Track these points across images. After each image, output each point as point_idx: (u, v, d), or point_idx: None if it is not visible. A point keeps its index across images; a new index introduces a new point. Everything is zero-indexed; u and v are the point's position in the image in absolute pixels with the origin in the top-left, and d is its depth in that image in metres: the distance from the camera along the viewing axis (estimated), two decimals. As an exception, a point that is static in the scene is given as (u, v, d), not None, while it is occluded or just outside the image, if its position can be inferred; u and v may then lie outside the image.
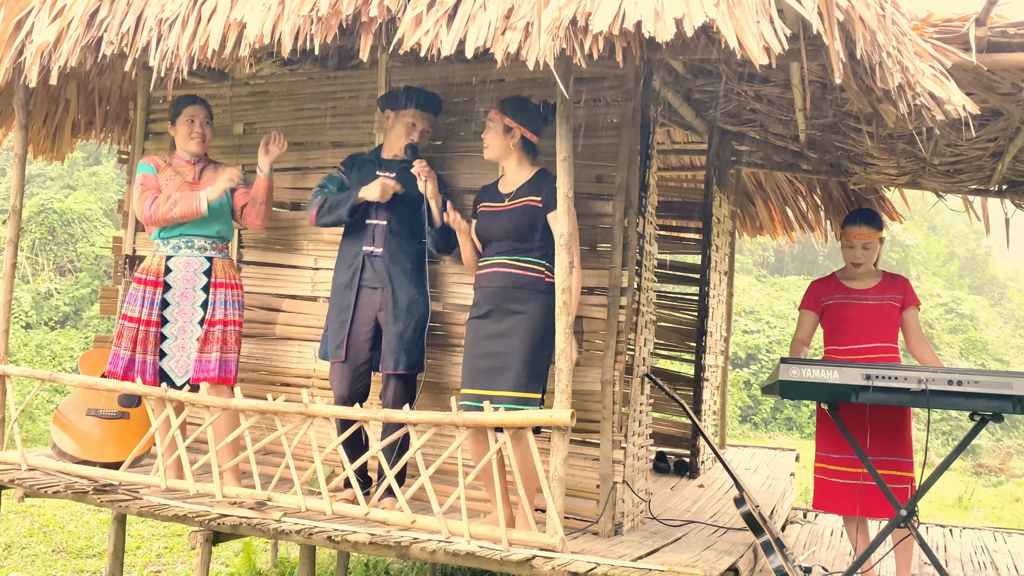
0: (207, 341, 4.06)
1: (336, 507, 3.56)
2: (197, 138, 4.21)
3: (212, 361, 4.04)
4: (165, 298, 4.09)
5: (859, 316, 4.00)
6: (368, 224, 3.99)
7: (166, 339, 4.09)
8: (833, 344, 4.06)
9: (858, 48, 2.73)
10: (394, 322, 3.90)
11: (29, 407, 9.40)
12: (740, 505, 3.54)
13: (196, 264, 4.11)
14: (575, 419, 3.21)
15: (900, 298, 4.01)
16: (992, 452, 13.90)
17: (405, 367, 3.90)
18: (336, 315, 4.00)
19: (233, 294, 4.16)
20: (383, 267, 3.95)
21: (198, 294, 4.09)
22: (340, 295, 4.01)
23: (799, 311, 4.18)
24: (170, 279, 4.11)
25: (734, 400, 14.61)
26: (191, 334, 4.08)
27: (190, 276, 4.10)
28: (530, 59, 2.77)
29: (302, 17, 3.09)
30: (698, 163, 6.59)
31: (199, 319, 4.08)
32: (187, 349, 4.08)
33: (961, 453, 3.57)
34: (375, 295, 3.95)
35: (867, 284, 4.06)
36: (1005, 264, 24.36)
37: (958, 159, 4.66)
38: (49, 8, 3.74)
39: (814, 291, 4.16)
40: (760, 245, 20.09)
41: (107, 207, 14.36)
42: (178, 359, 4.09)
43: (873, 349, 3.95)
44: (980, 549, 5.21)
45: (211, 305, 4.09)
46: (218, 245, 4.17)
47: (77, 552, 5.74)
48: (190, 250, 4.12)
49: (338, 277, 4.05)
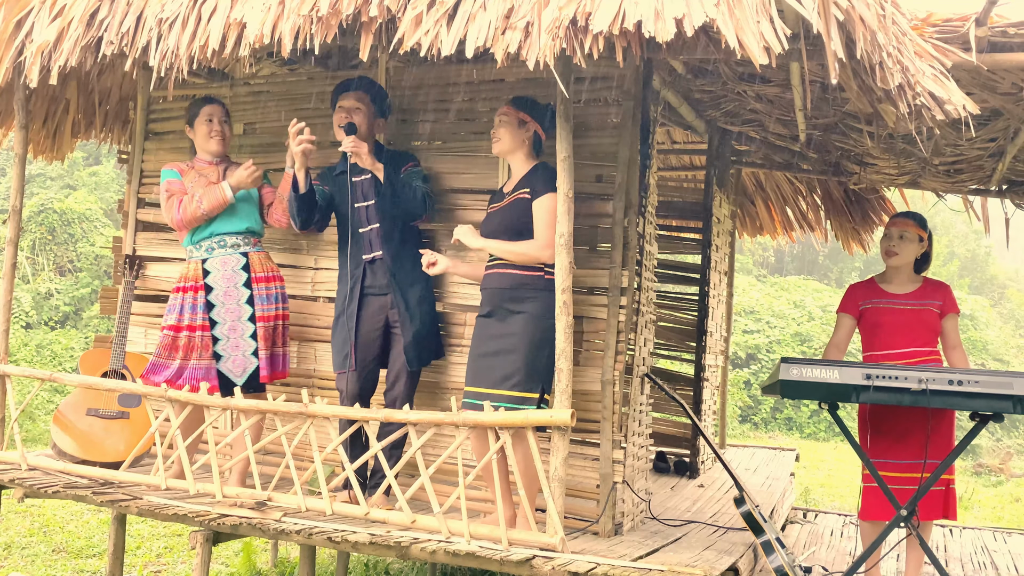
0: (266, 338, 4.04)
1: (336, 507, 3.56)
2: (217, 136, 4.20)
3: (276, 356, 4.10)
4: (209, 300, 4.06)
5: (897, 321, 3.90)
6: (362, 233, 4.00)
7: (218, 341, 4.05)
8: (871, 349, 3.97)
9: (858, 48, 2.73)
10: (410, 322, 3.93)
11: (29, 407, 9.40)
12: (740, 505, 3.54)
13: (233, 261, 4.09)
14: (575, 419, 3.21)
15: (940, 304, 3.91)
16: (992, 452, 13.89)
17: (427, 361, 4.01)
18: (341, 327, 4.02)
19: (276, 287, 4.14)
20: (385, 271, 3.96)
21: (241, 291, 4.07)
22: (343, 306, 4.03)
23: (836, 314, 4.10)
24: (210, 281, 4.08)
25: (734, 400, 14.61)
26: (242, 332, 4.04)
27: (229, 274, 4.08)
28: (530, 59, 2.77)
29: (302, 17, 3.09)
30: (698, 163, 6.59)
31: (248, 316, 4.05)
32: (241, 348, 4.04)
33: (961, 453, 3.57)
34: (381, 300, 3.97)
35: (906, 289, 3.96)
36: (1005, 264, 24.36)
37: (958, 159, 4.66)
38: (49, 8, 3.74)
39: (852, 295, 4.07)
40: (760, 245, 20.09)
41: (107, 207, 14.35)
42: (233, 359, 4.04)
43: (912, 354, 3.86)
44: (980, 549, 5.21)
45: (257, 300, 4.07)
46: (251, 240, 4.15)
47: (77, 552, 5.74)
48: (223, 249, 4.10)
49: (340, 289, 4.07)
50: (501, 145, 3.70)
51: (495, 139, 3.71)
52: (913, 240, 3.95)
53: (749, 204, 7.19)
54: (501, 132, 3.68)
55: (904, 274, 3.98)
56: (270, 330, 4.07)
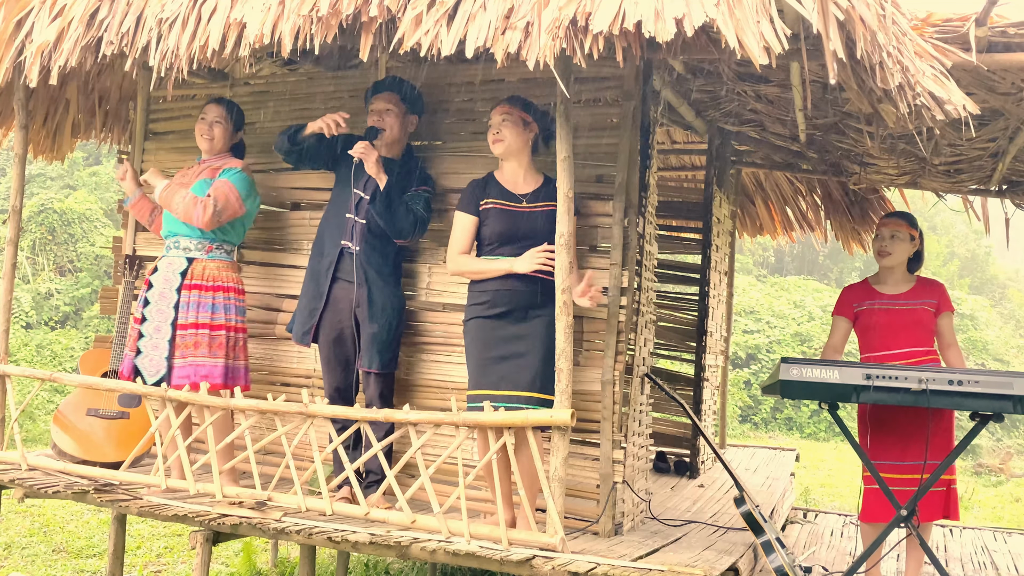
0: (180, 346, 4.03)
1: (336, 507, 3.56)
2: (206, 136, 4.22)
3: (186, 367, 4.00)
4: (147, 297, 4.11)
5: (892, 321, 3.91)
6: (348, 218, 4.00)
7: (143, 337, 4.09)
8: (867, 351, 3.98)
9: (858, 48, 2.73)
10: (370, 322, 3.94)
11: (29, 407, 9.40)
12: (740, 505, 3.54)
13: (176, 264, 4.11)
14: (575, 419, 3.21)
15: (934, 303, 3.92)
16: (992, 452, 13.89)
17: (379, 366, 3.96)
18: (308, 300, 4.05)
19: (215, 296, 4.08)
20: (359, 265, 3.97)
21: (172, 295, 4.07)
22: (315, 282, 4.05)
23: (832, 317, 4.11)
24: (153, 278, 4.13)
25: (734, 400, 14.61)
26: (164, 335, 4.05)
27: (168, 276, 4.09)
28: (530, 59, 2.77)
29: (302, 17, 3.09)
30: (698, 163, 6.59)
31: (170, 320, 4.05)
32: (159, 349, 4.04)
33: (961, 453, 3.57)
34: (350, 290, 3.97)
35: (900, 289, 3.97)
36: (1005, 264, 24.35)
37: (958, 159, 4.66)
38: (49, 8, 3.74)
39: (847, 297, 4.07)
40: (760, 245, 20.08)
41: (107, 207, 14.35)
42: (151, 358, 4.06)
43: (909, 354, 3.87)
44: (980, 549, 5.21)
45: (182, 307, 4.05)
46: (205, 246, 4.12)
47: (77, 552, 5.74)
48: (176, 250, 4.14)
49: (314, 262, 4.09)
50: (505, 145, 3.63)
51: (498, 139, 3.64)
52: (905, 239, 3.96)
53: (749, 204, 7.19)
54: (506, 132, 3.62)
55: (898, 274, 3.99)
56: (190, 338, 4.02)
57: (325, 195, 4.33)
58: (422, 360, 4.21)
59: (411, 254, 4.23)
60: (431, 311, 4.21)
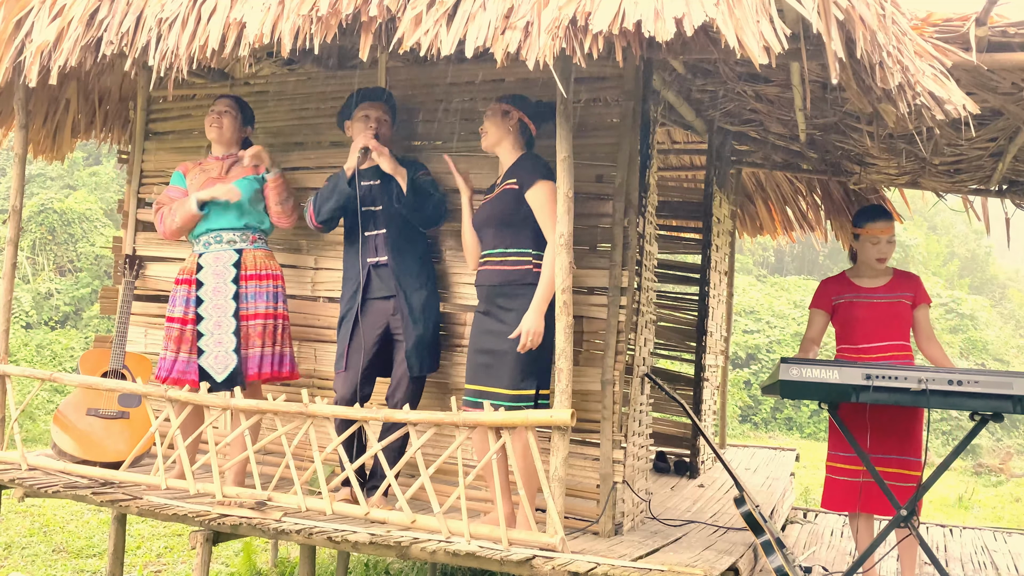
0: (247, 337, 4.04)
1: (336, 507, 3.56)
2: (214, 125, 4.22)
3: (265, 355, 4.05)
4: (199, 295, 4.09)
5: (870, 314, 3.95)
6: (368, 236, 4.00)
7: (203, 336, 4.06)
8: (845, 343, 4.01)
9: (858, 48, 2.73)
10: (413, 326, 3.91)
11: (29, 407, 9.40)
12: (740, 505, 3.54)
13: (225, 258, 4.11)
14: (575, 419, 3.21)
15: (912, 296, 3.96)
16: (992, 452, 13.90)
17: (428, 368, 3.96)
18: (342, 328, 4.04)
19: (269, 285, 4.12)
20: (390, 275, 3.96)
21: (228, 287, 4.07)
22: (345, 308, 4.04)
23: (809, 310, 4.14)
24: (201, 276, 4.11)
25: (734, 400, 14.61)
26: (226, 328, 4.04)
27: (220, 270, 4.09)
28: (530, 59, 2.77)
29: (302, 17, 3.09)
30: (698, 163, 6.59)
31: (232, 312, 4.05)
32: (223, 344, 4.04)
33: (961, 453, 3.57)
34: (385, 305, 3.96)
35: (878, 282, 4.01)
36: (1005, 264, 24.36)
37: (958, 159, 4.66)
38: (49, 8, 3.74)
39: (824, 290, 4.11)
40: (760, 245, 20.09)
41: (107, 207, 14.35)
42: (215, 355, 4.05)
43: (885, 348, 3.91)
44: (980, 549, 5.21)
45: (243, 299, 4.06)
46: (248, 236, 4.15)
47: (77, 552, 5.74)
48: (219, 244, 4.13)
49: (345, 290, 4.08)
50: (488, 138, 3.73)
51: (482, 134, 3.74)
52: (895, 238, 4.01)
53: (749, 204, 7.19)
54: (486, 125, 3.72)
55: (878, 267, 4.03)
56: (255, 328, 4.05)
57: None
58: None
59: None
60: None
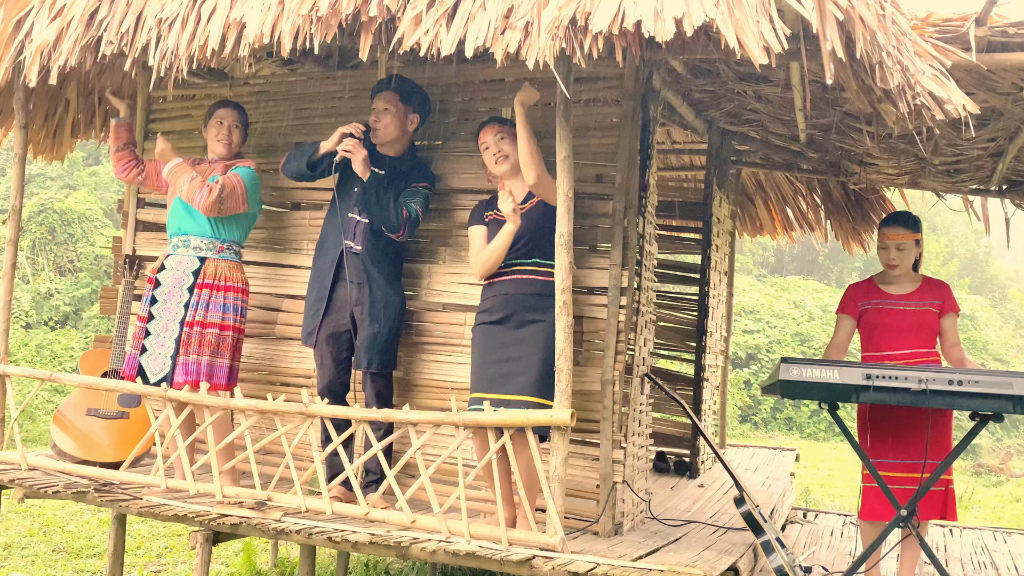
0: (186, 344, 4.04)
1: (336, 507, 3.56)
2: (224, 140, 4.24)
3: (191, 364, 4.01)
4: (155, 295, 4.12)
5: (896, 322, 3.89)
6: (350, 218, 4.01)
7: (149, 335, 4.09)
8: (870, 350, 3.95)
9: (858, 48, 2.73)
10: (370, 322, 3.93)
11: (29, 407, 9.39)
12: (740, 505, 3.54)
13: (187, 263, 4.12)
14: (575, 419, 3.21)
15: (939, 304, 3.90)
16: (992, 452, 13.89)
17: (378, 367, 3.95)
18: (312, 301, 4.07)
19: (227, 297, 4.10)
20: (361, 264, 3.97)
21: (183, 293, 4.08)
22: (318, 282, 4.06)
23: (836, 315, 4.08)
24: (161, 276, 4.14)
25: (734, 400, 14.60)
26: (171, 333, 4.06)
27: (179, 275, 4.11)
28: (530, 59, 2.77)
29: (302, 17, 3.09)
30: (698, 163, 6.58)
31: (180, 319, 4.07)
32: (165, 347, 4.06)
33: (961, 453, 3.56)
34: (353, 289, 3.97)
35: (905, 289, 3.94)
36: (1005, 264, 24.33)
37: (958, 159, 4.66)
38: (49, 8, 3.74)
39: (851, 295, 4.04)
40: (760, 245, 20.08)
41: (107, 207, 14.34)
42: (156, 356, 4.07)
43: (912, 355, 3.85)
44: (980, 549, 5.21)
45: (194, 307, 4.06)
46: (216, 246, 4.15)
47: (77, 552, 5.74)
48: (186, 249, 4.15)
49: (317, 262, 4.10)
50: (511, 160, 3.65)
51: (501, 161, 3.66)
52: (910, 248, 3.93)
53: (749, 204, 7.19)
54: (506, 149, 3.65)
55: (904, 274, 3.98)
56: (196, 337, 4.03)
57: (326, 195, 4.33)
58: (422, 360, 4.21)
59: (412, 253, 4.23)
60: (431, 311, 4.21)
